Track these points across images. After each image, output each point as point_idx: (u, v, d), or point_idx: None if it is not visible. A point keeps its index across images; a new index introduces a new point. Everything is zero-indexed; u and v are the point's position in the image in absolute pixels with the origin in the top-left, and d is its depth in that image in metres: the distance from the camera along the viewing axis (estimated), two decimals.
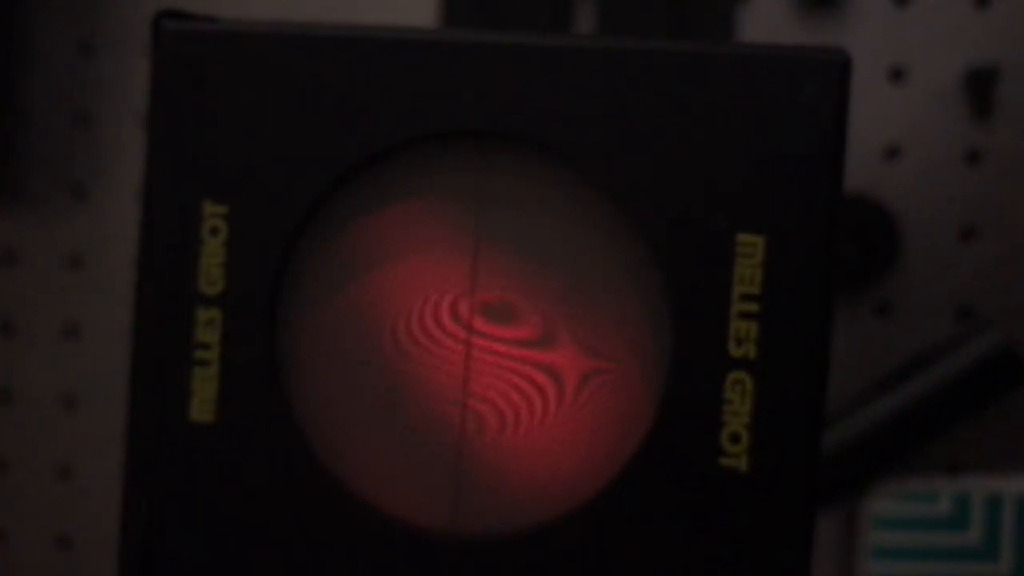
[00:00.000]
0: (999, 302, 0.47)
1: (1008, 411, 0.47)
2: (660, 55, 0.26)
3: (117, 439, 0.51)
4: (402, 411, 0.28)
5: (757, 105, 0.26)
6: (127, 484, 0.28)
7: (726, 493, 0.26)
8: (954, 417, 0.45)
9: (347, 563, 0.28)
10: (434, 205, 0.28)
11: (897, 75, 0.47)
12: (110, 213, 0.51)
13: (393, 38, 0.27)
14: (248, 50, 0.28)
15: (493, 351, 0.27)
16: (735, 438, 0.26)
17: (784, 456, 0.26)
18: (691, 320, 0.26)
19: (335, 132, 0.27)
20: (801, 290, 0.26)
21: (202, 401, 0.28)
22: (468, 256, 0.27)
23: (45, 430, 0.52)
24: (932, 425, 0.45)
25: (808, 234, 0.26)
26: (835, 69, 0.25)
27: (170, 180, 0.28)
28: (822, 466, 0.45)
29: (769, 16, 0.47)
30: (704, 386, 0.26)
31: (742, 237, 0.26)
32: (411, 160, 0.28)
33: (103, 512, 0.51)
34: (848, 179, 0.47)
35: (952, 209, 0.47)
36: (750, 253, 0.26)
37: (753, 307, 0.26)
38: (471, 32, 0.27)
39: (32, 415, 0.52)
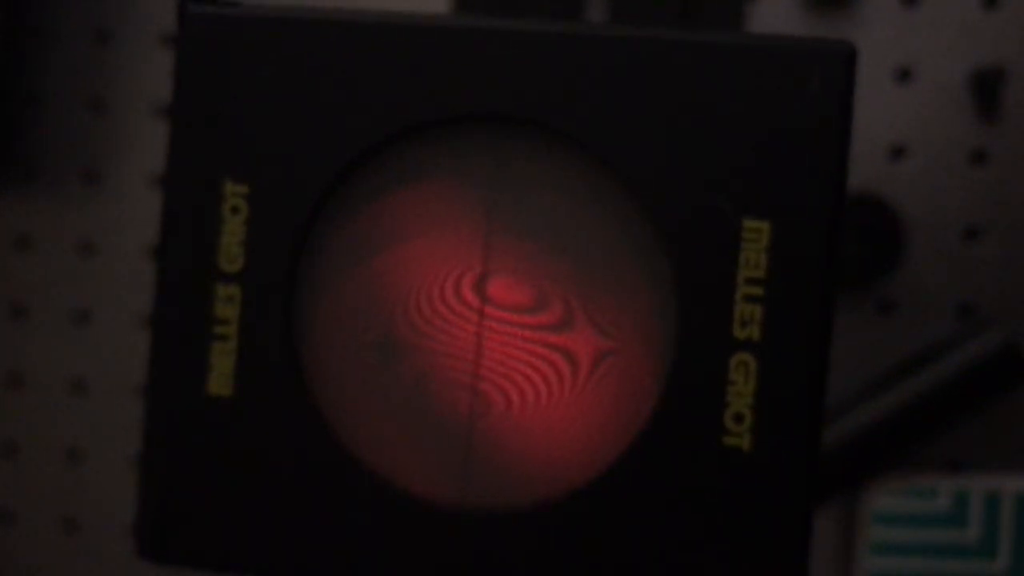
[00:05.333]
0: (1002, 302, 0.47)
1: (1008, 410, 0.47)
2: (669, 44, 0.27)
3: (126, 424, 0.52)
4: (415, 387, 0.28)
5: (764, 94, 0.26)
6: (145, 455, 0.29)
7: (729, 471, 0.26)
8: (955, 415, 0.45)
9: (359, 535, 0.28)
10: (448, 187, 0.28)
11: (904, 75, 0.47)
12: (123, 200, 0.51)
13: (410, 24, 0.28)
14: (270, 34, 0.28)
15: (504, 329, 0.28)
16: (738, 418, 0.26)
17: (786, 436, 0.26)
18: (697, 302, 0.26)
19: (353, 115, 0.28)
20: (805, 275, 0.26)
21: (220, 375, 0.28)
22: (481, 237, 0.28)
23: (54, 414, 0.52)
24: (933, 423, 0.45)
25: (813, 221, 0.26)
26: (841, 60, 0.26)
27: (192, 160, 0.29)
28: (823, 462, 0.45)
29: (777, 15, 0.48)
30: (709, 367, 0.26)
31: (748, 223, 0.26)
32: (426, 143, 0.28)
33: (111, 496, 0.52)
34: (853, 178, 0.47)
35: (957, 209, 0.47)
36: (756, 238, 0.26)
37: (758, 291, 0.26)
38: (485, 19, 0.27)
39: (41, 399, 0.52)
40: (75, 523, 0.52)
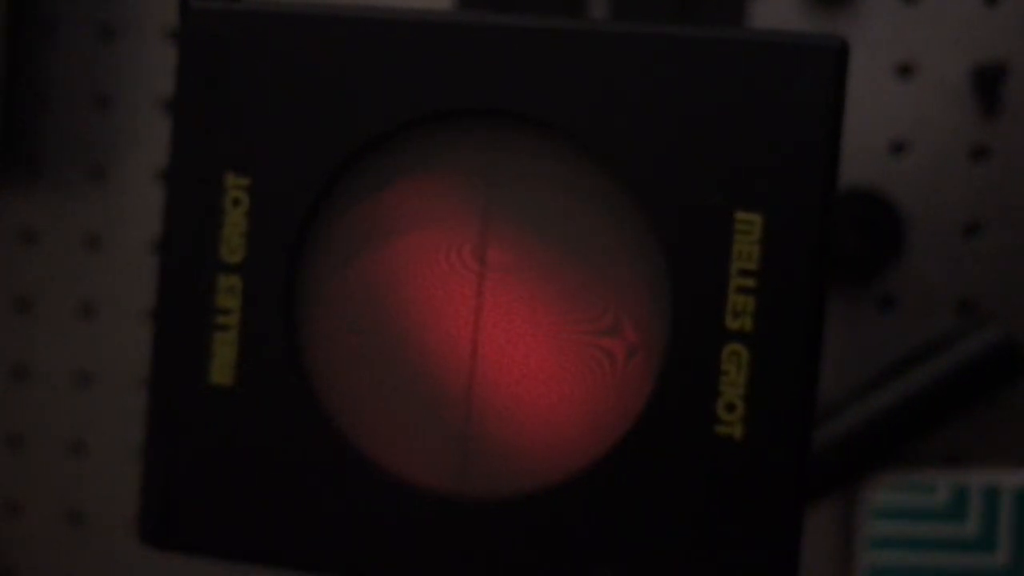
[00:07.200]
0: (1002, 297, 0.47)
1: (1007, 404, 0.47)
2: (663, 39, 0.27)
3: (130, 417, 0.52)
4: (413, 376, 0.28)
5: (757, 88, 0.26)
6: (148, 443, 0.29)
7: (721, 460, 0.27)
8: (954, 409, 0.45)
9: (359, 523, 0.28)
10: (446, 180, 0.28)
11: (905, 71, 0.47)
12: (127, 194, 0.51)
13: (411, 19, 0.28)
14: (271, 28, 0.28)
15: (499, 321, 0.28)
16: (730, 407, 0.27)
17: (777, 425, 0.26)
18: (690, 293, 0.27)
19: (353, 109, 0.28)
20: (797, 266, 0.26)
21: (221, 365, 0.29)
22: (477, 229, 0.28)
23: (59, 407, 0.52)
24: (932, 417, 0.45)
25: (804, 213, 0.26)
26: (832, 54, 0.26)
27: (195, 153, 0.29)
28: (824, 457, 0.45)
29: (778, 12, 0.48)
30: (702, 357, 0.27)
31: (741, 215, 0.27)
32: (426, 137, 0.28)
33: (115, 488, 0.52)
34: (854, 173, 0.48)
35: (957, 204, 0.47)
36: (748, 230, 0.27)
37: (750, 282, 0.27)
38: (485, 14, 0.28)
39: (47, 392, 0.52)
40: (80, 515, 0.52)
